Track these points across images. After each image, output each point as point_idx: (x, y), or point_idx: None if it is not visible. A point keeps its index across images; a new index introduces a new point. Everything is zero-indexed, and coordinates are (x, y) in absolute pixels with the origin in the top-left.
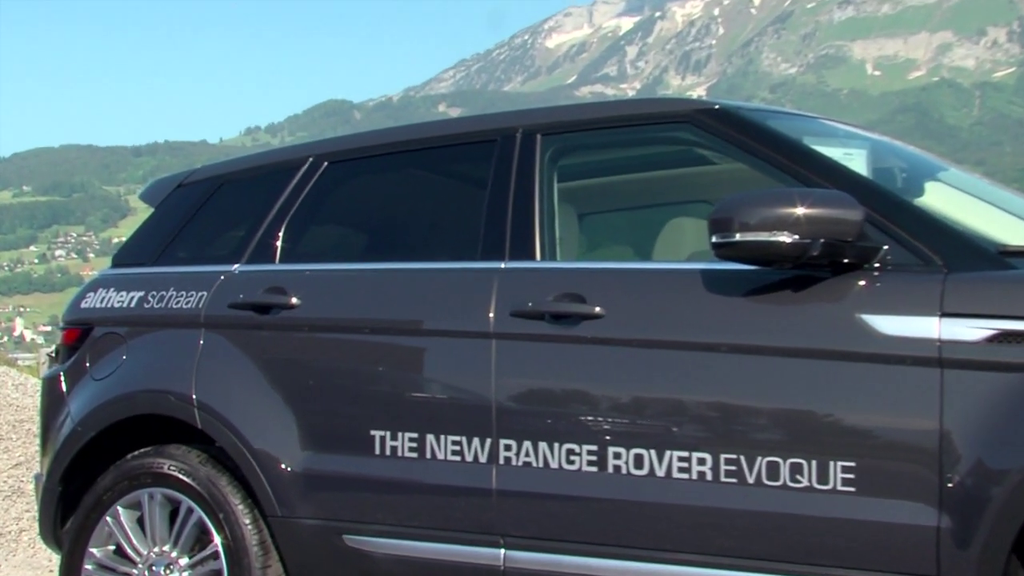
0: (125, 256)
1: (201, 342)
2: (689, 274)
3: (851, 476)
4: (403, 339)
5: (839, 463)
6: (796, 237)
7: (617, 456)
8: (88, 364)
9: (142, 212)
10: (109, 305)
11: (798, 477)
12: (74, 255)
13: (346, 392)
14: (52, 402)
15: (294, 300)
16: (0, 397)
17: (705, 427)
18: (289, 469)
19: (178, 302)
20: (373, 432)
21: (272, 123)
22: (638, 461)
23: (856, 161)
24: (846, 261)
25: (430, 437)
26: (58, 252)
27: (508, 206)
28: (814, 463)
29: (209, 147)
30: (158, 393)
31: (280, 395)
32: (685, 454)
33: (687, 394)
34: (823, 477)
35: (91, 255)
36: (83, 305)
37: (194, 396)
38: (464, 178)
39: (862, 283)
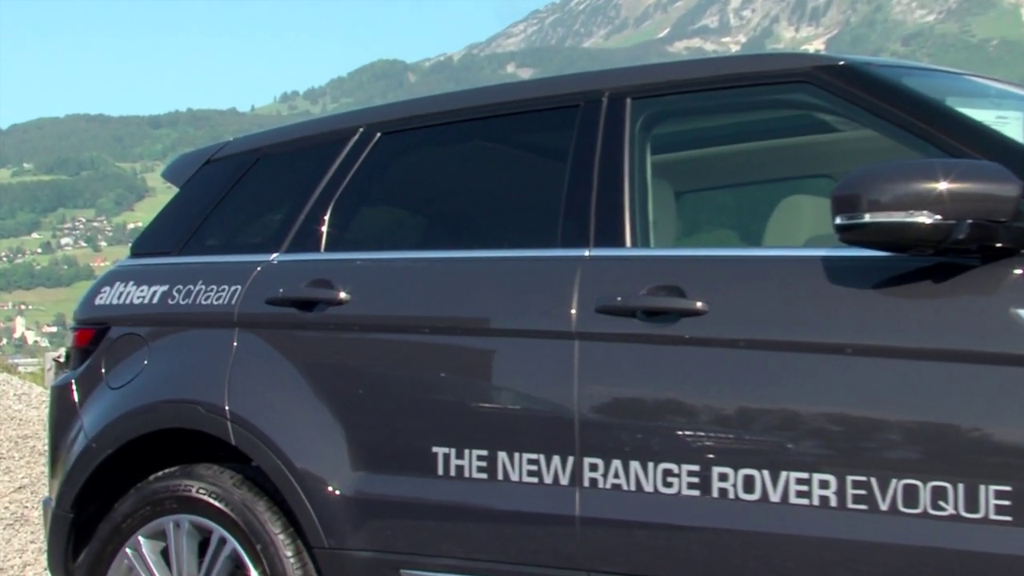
0: (146, 244)
1: (235, 344)
2: (808, 262)
3: (1006, 503)
4: (469, 340)
5: (991, 487)
6: (938, 217)
7: (723, 478)
8: (104, 370)
9: (162, 193)
10: (128, 302)
11: (941, 504)
12: (83, 243)
13: (403, 402)
14: (62, 415)
15: (342, 295)
16: (0, 409)
17: (828, 444)
18: (338, 493)
19: (208, 298)
20: (435, 449)
21: (312, 88)
22: (748, 484)
23: (1011, 125)
24: (999, 246)
25: (502, 455)
26: (64, 240)
27: (592, 183)
28: (961, 487)
29: (239, 116)
30: (185, 404)
31: (327, 406)
32: (804, 475)
33: (806, 404)
34: (972, 504)
35: (103, 243)
36: (97, 302)
37: (227, 407)
38: (540, 151)
39: (1018, 272)
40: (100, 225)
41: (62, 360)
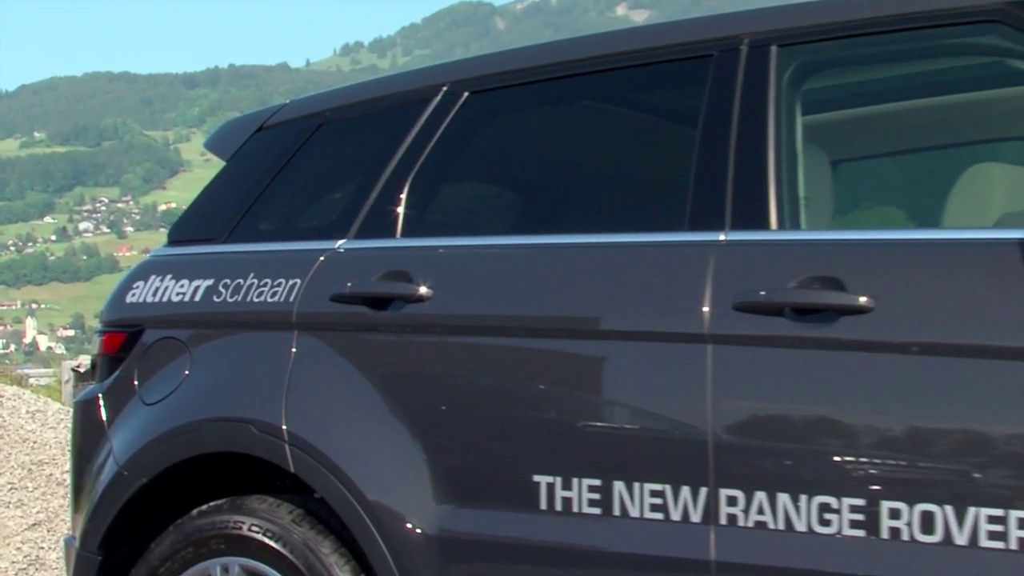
0: (185, 230)
1: (293, 350)
2: (1000, 247)
3: None
4: (577, 345)
5: None
6: None
7: (895, 514)
8: (136, 382)
9: (199, 167)
10: (165, 299)
11: None
12: (105, 228)
13: (497, 421)
14: (86, 436)
15: (422, 290)
16: (11, 430)
17: None
18: (419, 530)
19: (261, 294)
20: (536, 478)
21: (379, 37)
22: (926, 522)
23: None
24: None
25: (618, 485)
26: (83, 225)
27: (729, 152)
28: None
29: (291, 73)
30: (234, 423)
31: (404, 425)
32: (999, 512)
33: (997, 423)
34: None
35: (129, 228)
36: (128, 300)
37: (284, 426)
38: (663, 112)
39: None
40: (126, 206)
41: (83, 370)
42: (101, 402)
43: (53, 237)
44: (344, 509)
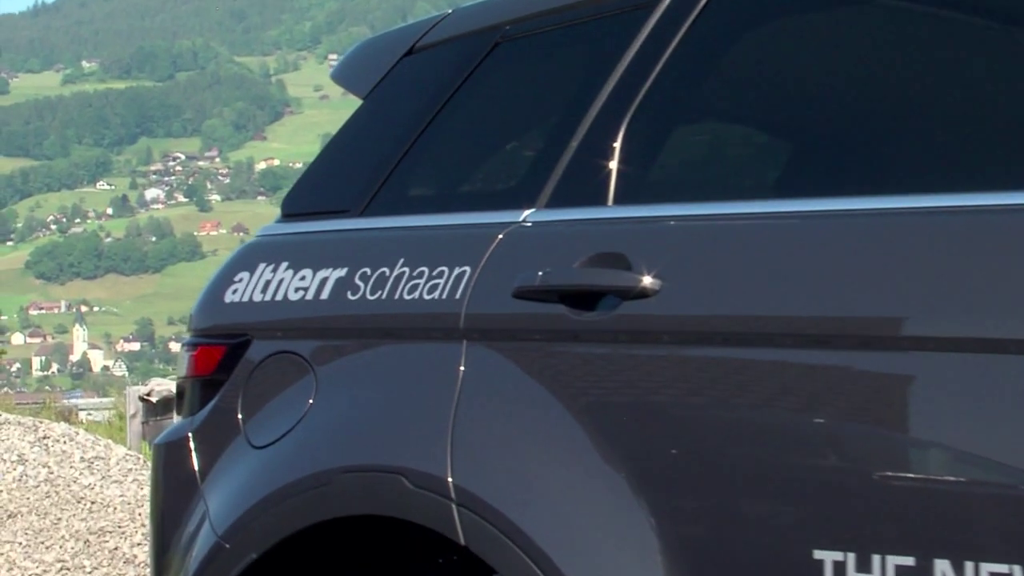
0: (306, 199)
1: (462, 369)
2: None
3: None
4: (877, 360)
5: None
6: None
7: None
8: (241, 416)
9: (314, 107)
10: (279, 298)
11: None
12: (182, 197)
13: (759, 471)
14: (171, 494)
15: (646, 281)
16: (60, 486)
17: None
18: None
19: (415, 289)
20: (819, 555)
21: None
22: None
23: None
24: None
25: (941, 565)
26: (151, 193)
27: None
28: None
29: None
30: (379, 473)
31: (624, 477)
32: None
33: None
34: None
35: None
36: (228, 299)
37: (450, 479)
38: (1009, 17)
39: None
40: (210, 165)
41: (156, 399)
42: (191, 445)
43: (109, 210)
44: None
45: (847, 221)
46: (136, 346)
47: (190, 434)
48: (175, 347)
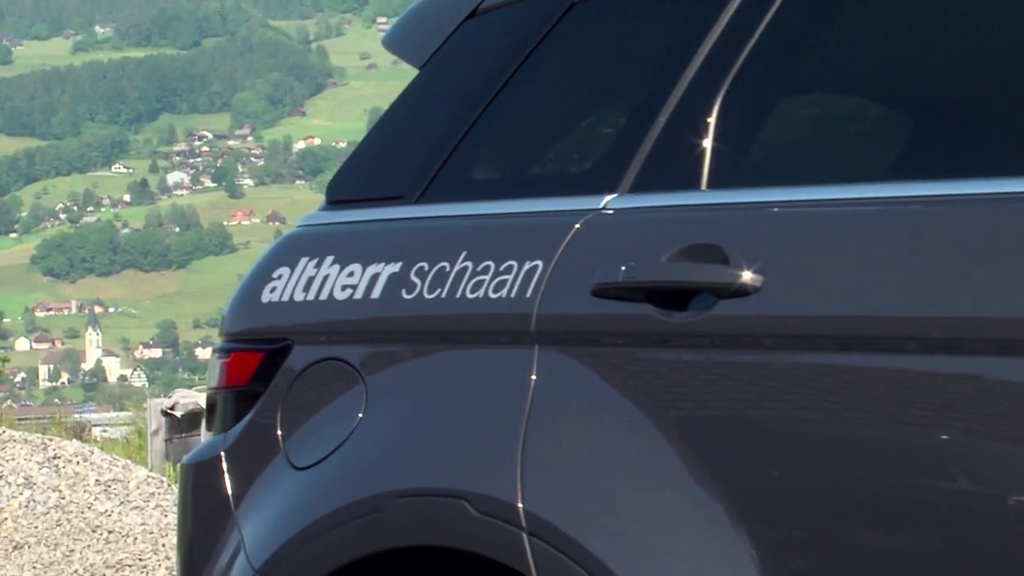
0: (354, 184)
1: (533, 378)
2: None
3: None
4: (1016, 368)
5: None
6: None
7: None
8: (280, 433)
9: (363, 77)
10: (324, 296)
11: None
12: (209, 182)
13: (877, 496)
14: (201, 522)
15: (747, 276)
16: (73, 513)
17: None
18: None
19: (479, 286)
20: None
21: None
22: None
23: None
24: None
25: None
26: (175, 177)
27: None
28: None
29: None
30: (438, 498)
31: (718, 501)
32: None
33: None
34: None
35: (247, 182)
36: (266, 298)
37: (520, 504)
38: None
39: None
40: (241, 145)
41: (181, 414)
42: (223, 465)
43: (127, 197)
44: None
45: (981, 206)
46: (157, 353)
47: (222, 453)
48: (203, 354)
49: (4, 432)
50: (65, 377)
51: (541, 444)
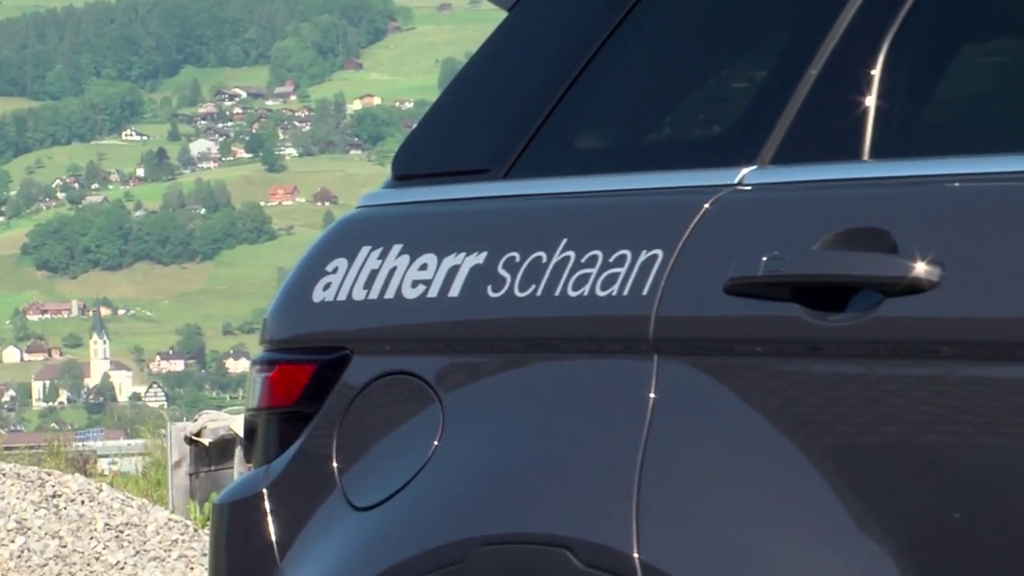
0: (426, 156)
1: (651, 396)
2: None
3: None
4: None
5: None
6: None
7: None
8: (336, 464)
9: (432, 20)
10: (390, 295)
11: None
12: (242, 150)
13: None
14: (240, 572)
15: (919, 269)
16: (78, 565)
17: None
18: None
19: (583, 282)
20: None
21: None
22: None
23: None
24: None
25: None
26: (199, 145)
27: None
28: None
29: None
30: (536, 546)
31: (885, 549)
32: None
33: None
34: None
35: (290, 151)
36: (318, 297)
37: (636, 554)
38: None
39: None
40: (283, 105)
41: (209, 441)
42: (266, 505)
43: (140, 171)
44: None
45: None
46: (179, 365)
47: (264, 490)
48: (235, 366)
49: None
50: (64, 396)
51: (662, 479)
